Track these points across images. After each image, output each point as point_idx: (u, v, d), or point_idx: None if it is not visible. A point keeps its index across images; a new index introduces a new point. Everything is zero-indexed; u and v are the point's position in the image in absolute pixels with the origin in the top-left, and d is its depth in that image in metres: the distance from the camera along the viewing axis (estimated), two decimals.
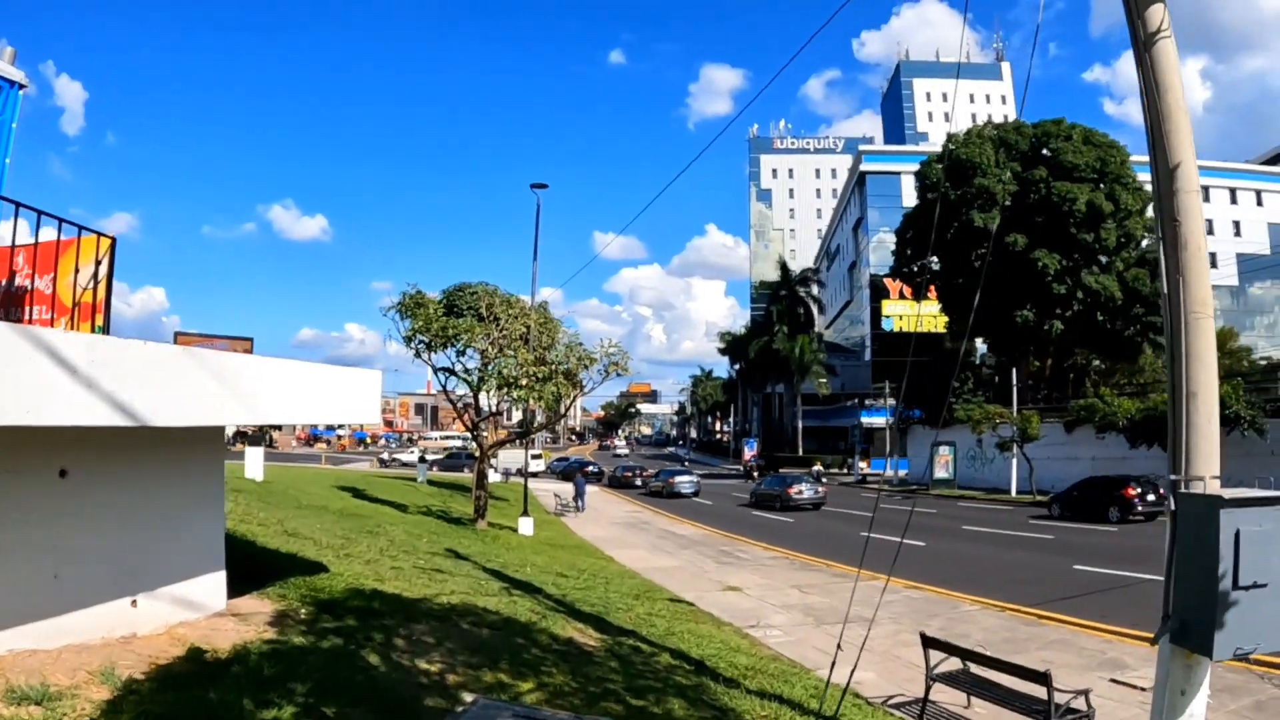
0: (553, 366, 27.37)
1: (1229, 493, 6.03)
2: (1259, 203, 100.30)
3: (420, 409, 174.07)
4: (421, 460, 56.69)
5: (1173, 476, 6.55)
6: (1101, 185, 58.53)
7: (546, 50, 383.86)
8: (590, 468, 77.51)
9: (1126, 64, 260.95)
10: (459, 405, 31.69)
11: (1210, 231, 69.49)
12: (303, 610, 9.81)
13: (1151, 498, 35.67)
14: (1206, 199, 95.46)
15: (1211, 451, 6.43)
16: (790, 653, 13.53)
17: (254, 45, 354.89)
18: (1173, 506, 6.47)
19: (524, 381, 26.18)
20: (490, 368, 27.21)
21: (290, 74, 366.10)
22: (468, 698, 7.29)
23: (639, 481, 66.34)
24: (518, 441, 37.76)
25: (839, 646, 9.16)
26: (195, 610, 9.14)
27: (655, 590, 18.58)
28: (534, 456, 49.76)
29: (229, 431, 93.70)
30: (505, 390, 27.36)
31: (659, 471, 66.40)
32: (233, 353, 7.94)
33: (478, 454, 30.79)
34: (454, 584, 13.30)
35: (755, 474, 75.48)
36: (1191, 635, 6.10)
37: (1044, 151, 61.25)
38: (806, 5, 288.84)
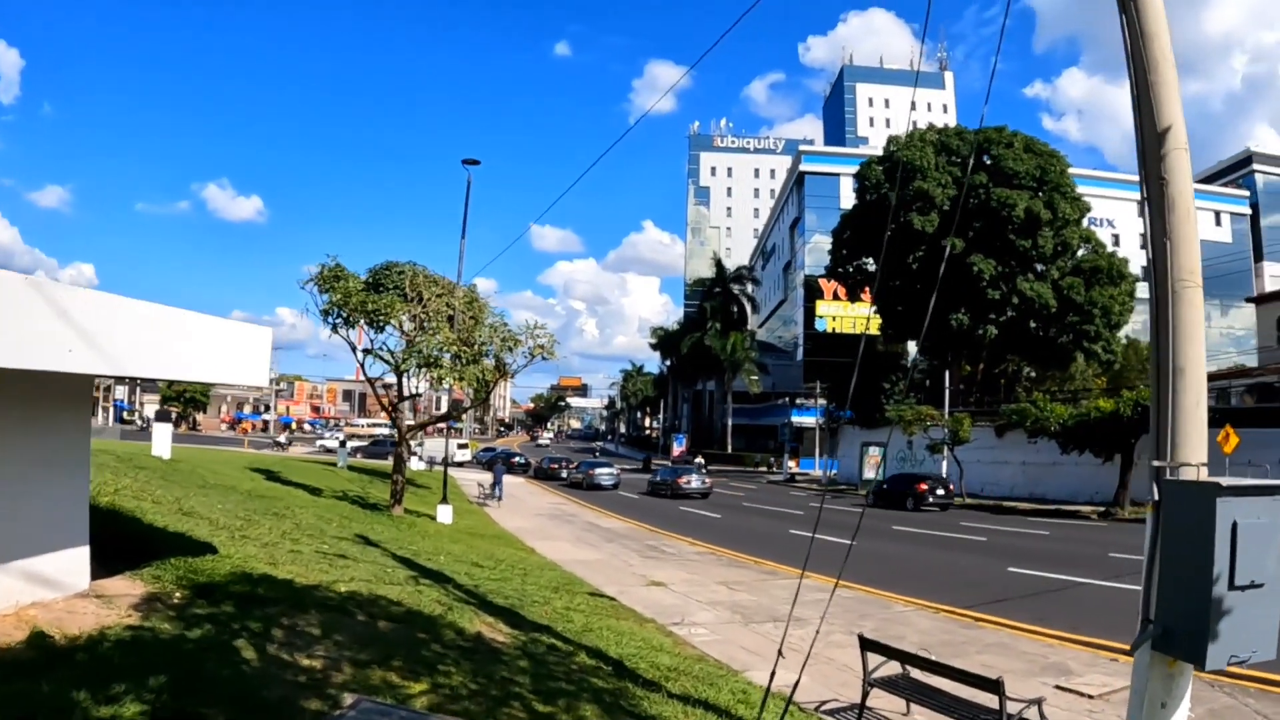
0: (478, 348, 26.23)
1: (1226, 481, 5.20)
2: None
3: (349, 395, 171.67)
4: (341, 445, 54.77)
5: (1156, 463, 5.73)
6: (1040, 193, 58.71)
7: (490, 39, 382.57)
8: (516, 458, 76.82)
9: (1067, 80, 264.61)
10: (377, 387, 30.24)
11: (1143, 246, 69.78)
12: (177, 594, 8.79)
13: (941, 492, 44.07)
14: (1141, 213, 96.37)
15: (1200, 436, 5.65)
16: (716, 653, 12.58)
17: (194, 21, 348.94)
18: (1155, 496, 5.64)
19: (445, 362, 25.01)
20: (411, 347, 25.79)
21: (231, 52, 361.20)
22: (348, 699, 6.30)
23: (564, 473, 65.73)
24: (440, 427, 36.50)
25: (780, 653, 8.25)
26: (53, 589, 8.10)
27: (576, 584, 17.63)
28: (460, 446, 48.69)
29: (148, 412, 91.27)
30: (426, 370, 25.97)
31: (580, 463, 65.97)
32: (91, 291, 6.75)
33: (396, 438, 29.68)
34: (356, 571, 12.28)
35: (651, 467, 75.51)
36: (1178, 642, 5.29)
37: (985, 158, 60.94)
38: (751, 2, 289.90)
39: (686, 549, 26.52)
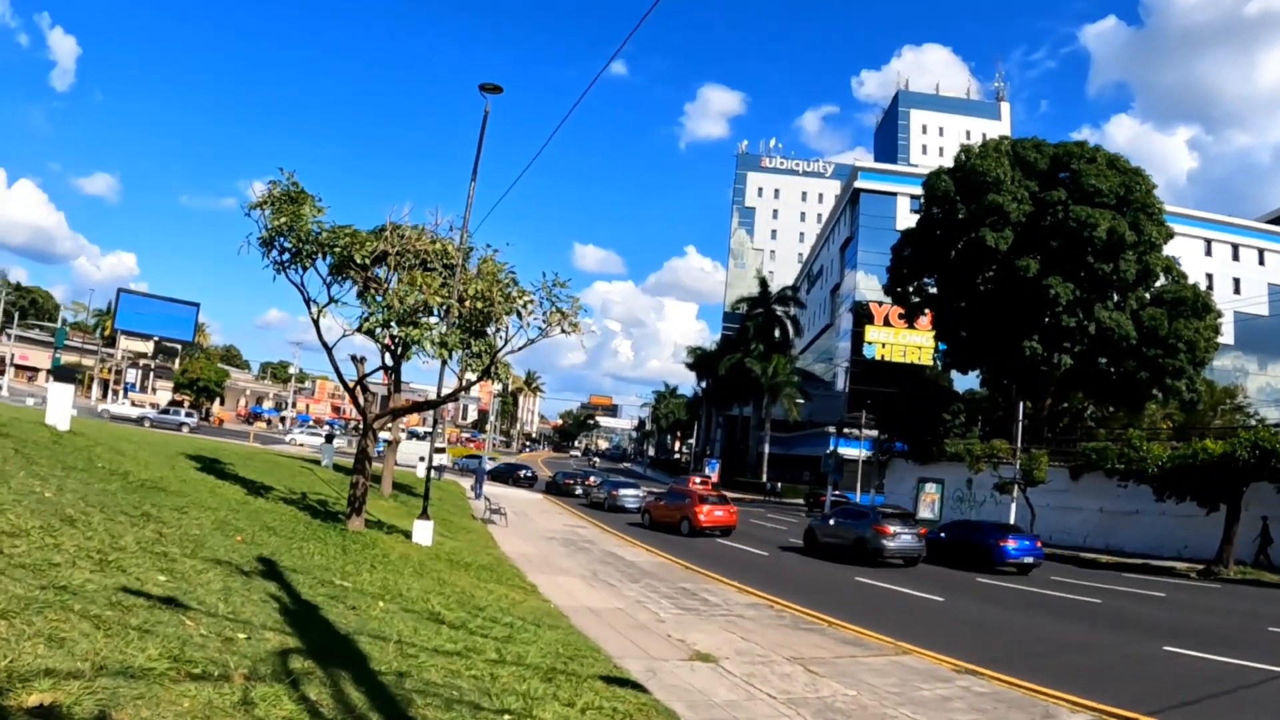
0: (470, 305, 19.61)
1: None
2: (1260, 261, 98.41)
3: (376, 399, 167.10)
4: (328, 441, 48.75)
5: None
6: (1125, 213, 52.58)
7: (541, 56, 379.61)
8: (522, 471, 73.37)
9: (1115, 126, 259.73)
10: (333, 354, 22.25)
11: (1210, 286, 65.12)
12: None
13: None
14: (1208, 253, 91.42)
15: None
16: None
17: (247, 18, 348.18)
18: None
19: (427, 323, 18.70)
20: (376, 300, 19.19)
21: (283, 54, 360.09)
22: None
23: (579, 490, 61.62)
24: (420, 417, 30.16)
25: None
26: None
27: (584, 655, 11.60)
28: (437, 450, 42.50)
29: (160, 398, 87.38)
30: (388, 329, 19.27)
31: (603, 481, 60.87)
32: None
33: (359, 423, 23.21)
34: (154, 643, 6.63)
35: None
36: None
37: (1062, 174, 55.62)
38: (808, 34, 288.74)
39: (734, 597, 20.59)
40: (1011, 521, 45.04)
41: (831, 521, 35.63)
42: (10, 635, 5.56)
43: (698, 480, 75.98)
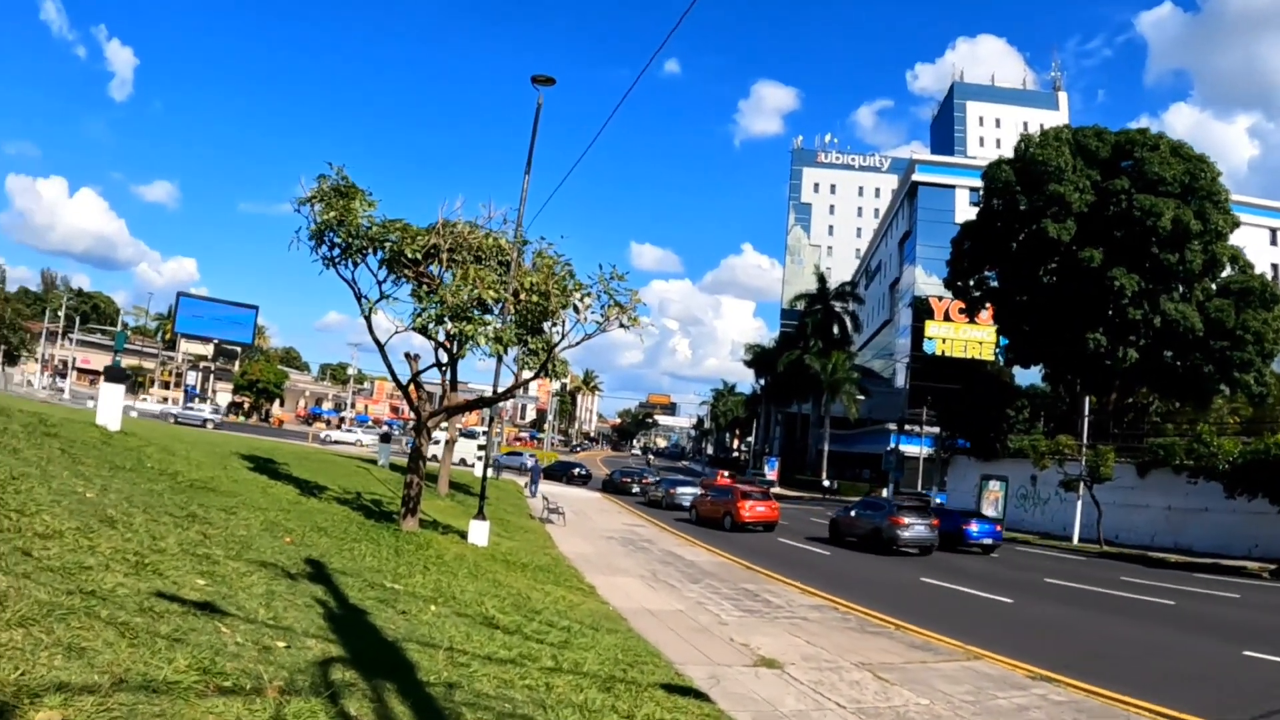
0: (527, 295, 18.88)
1: None
2: None
3: (431, 398, 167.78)
4: (384, 441, 48.35)
5: None
6: (1189, 201, 51.28)
7: (593, 58, 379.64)
8: (576, 469, 73.82)
9: (1174, 115, 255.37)
10: (385, 351, 21.54)
11: (1276, 276, 63.62)
12: None
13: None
14: (1274, 242, 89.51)
15: None
16: None
17: (297, 27, 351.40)
18: None
19: (480, 319, 18.03)
20: (430, 295, 18.61)
21: (335, 57, 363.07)
22: None
23: (635, 488, 61.55)
24: (479, 416, 29.51)
25: None
26: None
27: (644, 661, 11.27)
28: (480, 447, 42.29)
29: (221, 400, 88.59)
30: (443, 324, 18.68)
31: (660, 479, 61.10)
32: None
33: (413, 422, 22.53)
34: (203, 643, 6.31)
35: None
36: None
37: (1124, 162, 54.30)
38: (862, 28, 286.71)
39: (797, 598, 20.04)
40: (1076, 519, 44.27)
41: (853, 513, 38.12)
42: (26, 645, 5.13)
43: (725, 475, 77.07)
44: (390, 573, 13.02)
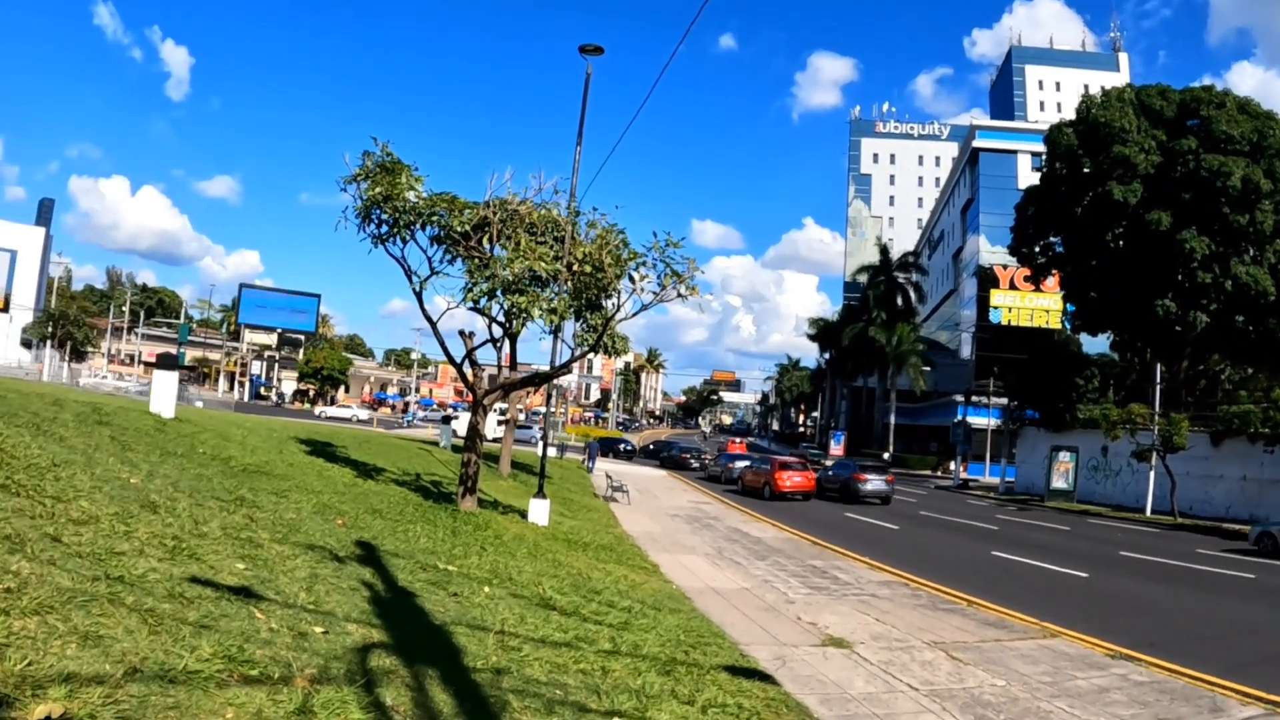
0: (580, 265, 18.22)
1: None
2: None
3: (491, 379, 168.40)
4: (445, 422, 48.41)
5: None
6: (1259, 161, 49.84)
7: (652, 30, 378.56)
8: (622, 444, 78.33)
9: (1237, 75, 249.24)
10: (438, 329, 20.65)
11: None
12: None
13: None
14: None
15: None
16: None
17: (354, 21, 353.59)
18: None
19: (534, 292, 17.37)
20: (481, 270, 17.62)
21: (389, 42, 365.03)
22: None
23: (694, 464, 63.26)
24: (540, 393, 28.80)
25: None
26: None
27: (708, 642, 10.86)
28: (500, 422, 42.72)
29: (286, 388, 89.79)
30: (495, 299, 18.02)
31: (720, 454, 62.43)
32: None
33: (470, 402, 21.89)
34: (233, 629, 5.99)
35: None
36: None
37: (1190, 121, 52.88)
38: None
39: (865, 574, 19.53)
40: (1149, 490, 43.36)
41: (830, 473, 47.34)
42: (40, 633, 4.82)
43: (736, 442, 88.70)
44: (445, 554, 12.69)
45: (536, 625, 9.46)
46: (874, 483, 42.73)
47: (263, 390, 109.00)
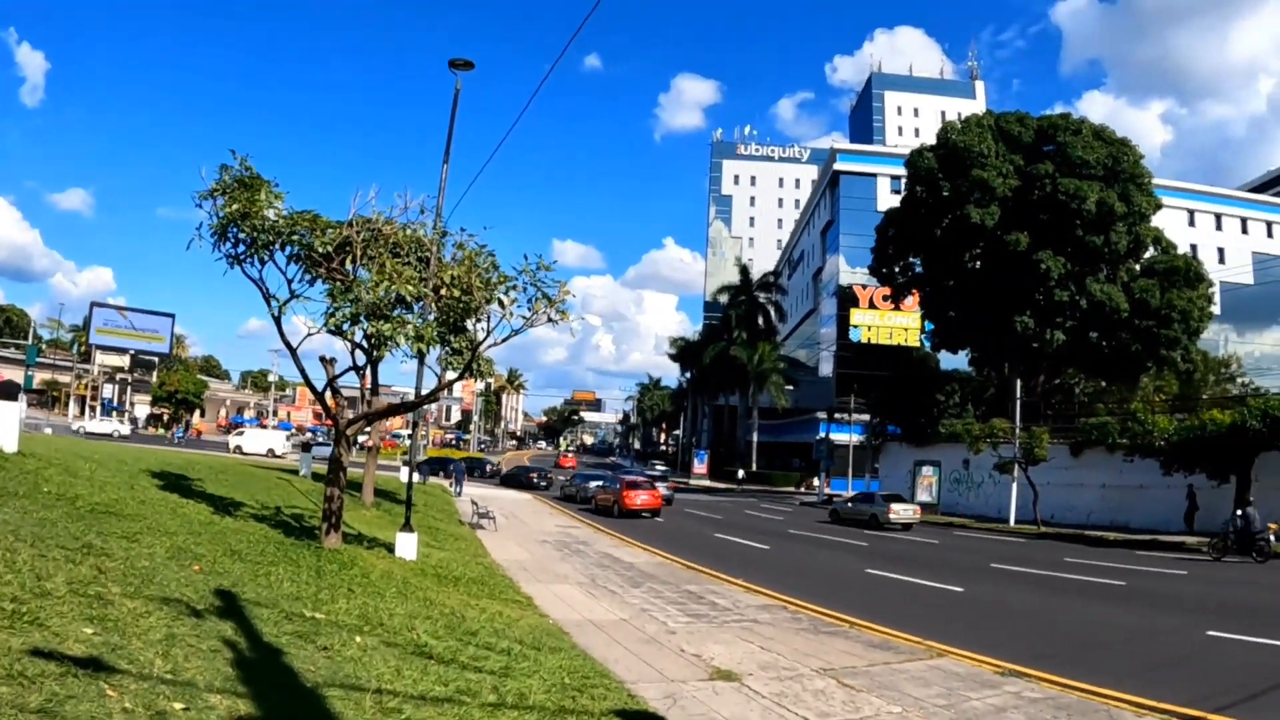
0: (448, 290, 17.37)
1: None
2: (1244, 230, 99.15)
3: (353, 404, 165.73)
4: (305, 450, 47.09)
5: None
6: (1113, 184, 51.71)
7: (520, 50, 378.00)
8: (488, 465, 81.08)
9: (1088, 103, 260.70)
10: (298, 355, 19.15)
11: (1194, 257, 64.67)
12: None
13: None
14: (1191, 223, 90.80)
15: None
16: None
17: (215, 28, 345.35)
18: None
19: (399, 318, 16.47)
20: (343, 294, 16.37)
21: (267, 62, 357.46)
22: None
23: (542, 482, 66.21)
24: (405, 420, 27.94)
25: None
26: None
27: (593, 684, 10.24)
28: (291, 439, 42.10)
29: (139, 413, 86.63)
30: (359, 324, 17.01)
31: (574, 475, 65.33)
32: None
33: (334, 436, 20.68)
34: (81, 713, 5.28)
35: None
36: None
37: (1047, 147, 55.02)
38: (781, 20, 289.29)
39: (742, 598, 19.15)
40: (1012, 501, 44.39)
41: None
42: None
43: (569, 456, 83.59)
44: (311, 599, 11.87)
45: (415, 679, 8.78)
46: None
47: (116, 415, 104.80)
